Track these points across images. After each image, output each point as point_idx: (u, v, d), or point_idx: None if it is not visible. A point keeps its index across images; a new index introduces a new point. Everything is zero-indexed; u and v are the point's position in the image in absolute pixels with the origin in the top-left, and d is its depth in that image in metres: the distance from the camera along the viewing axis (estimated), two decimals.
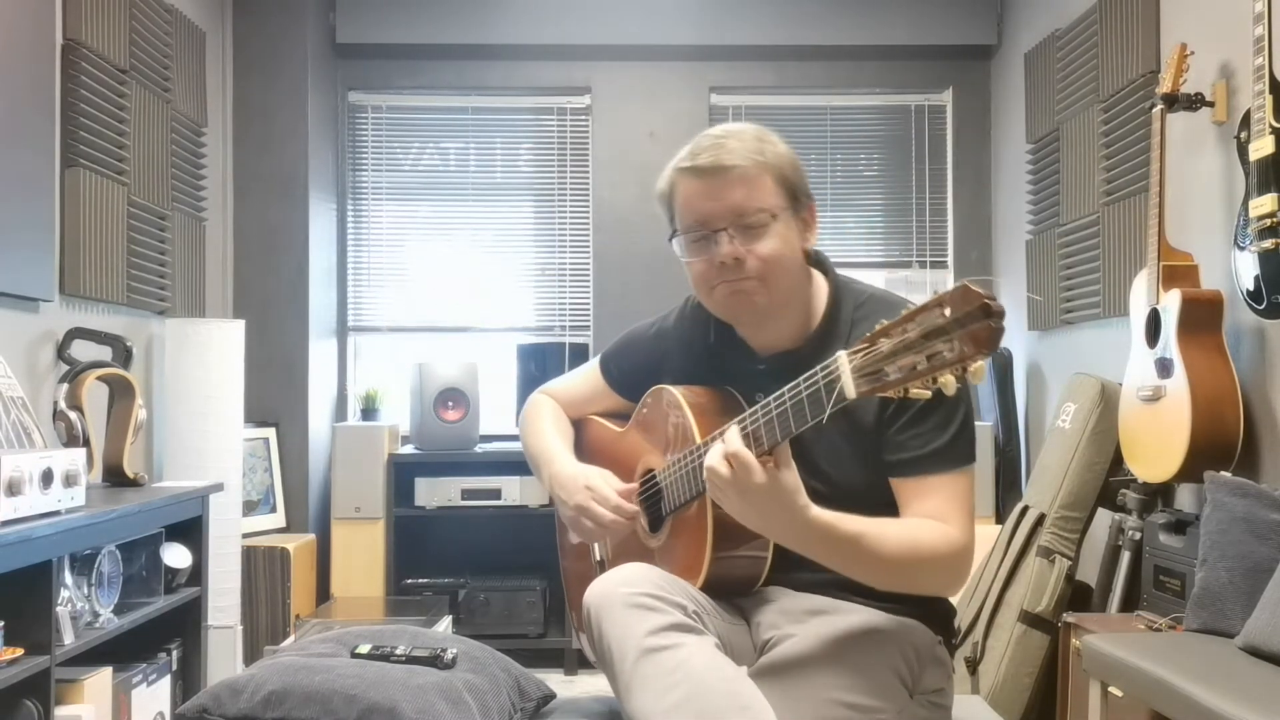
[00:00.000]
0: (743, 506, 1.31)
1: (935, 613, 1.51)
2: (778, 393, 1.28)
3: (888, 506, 1.45)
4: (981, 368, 1.08)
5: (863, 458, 1.47)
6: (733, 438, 1.30)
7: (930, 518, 1.41)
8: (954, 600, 1.60)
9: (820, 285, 1.57)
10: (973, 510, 1.45)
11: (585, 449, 1.80)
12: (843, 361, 1.18)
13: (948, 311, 1.07)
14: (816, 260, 1.61)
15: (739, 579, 1.52)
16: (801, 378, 1.25)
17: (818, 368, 1.23)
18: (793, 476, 1.29)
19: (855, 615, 1.45)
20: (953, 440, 1.44)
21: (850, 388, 1.17)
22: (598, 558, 1.77)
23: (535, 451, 1.79)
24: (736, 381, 1.57)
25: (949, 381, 1.08)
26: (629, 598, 1.35)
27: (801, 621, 1.45)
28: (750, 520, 1.33)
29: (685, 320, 1.70)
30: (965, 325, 1.06)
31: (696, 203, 1.48)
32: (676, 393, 1.57)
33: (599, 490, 1.58)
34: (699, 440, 1.46)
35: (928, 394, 1.12)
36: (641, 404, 1.70)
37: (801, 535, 1.34)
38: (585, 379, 1.86)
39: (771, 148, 1.49)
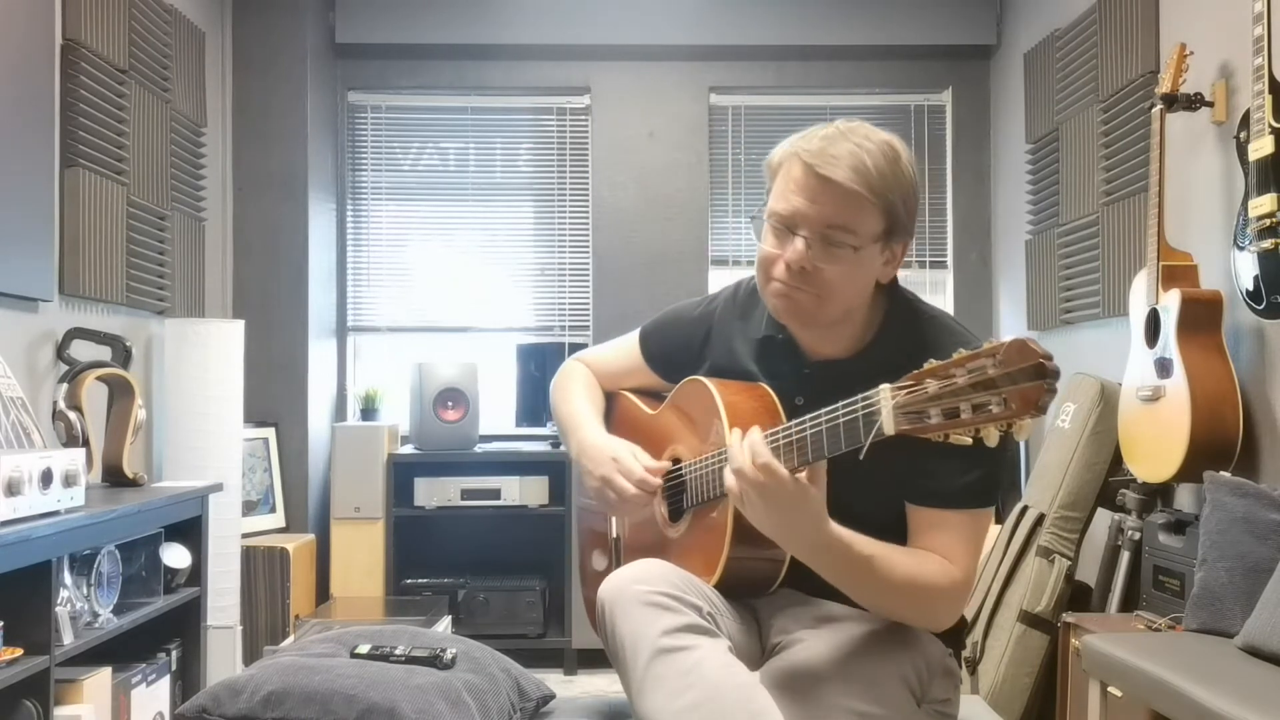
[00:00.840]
0: (765, 514, 1.29)
1: (949, 626, 1.50)
2: (815, 414, 1.27)
3: (894, 528, 1.43)
4: (1028, 426, 1.06)
5: (877, 478, 1.41)
6: (762, 447, 1.27)
7: (938, 552, 1.39)
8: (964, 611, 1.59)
9: (880, 298, 1.51)
10: (979, 552, 1.43)
11: (614, 424, 1.76)
12: (885, 396, 1.16)
13: (1000, 364, 1.05)
14: (890, 286, 1.54)
15: (754, 581, 1.51)
16: (841, 404, 1.23)
17: (859, 397, 1.21)
18: (820, 493, 1.28)
19: (867, 624, 1.43)
20: (980, 480, 1.41)
21: (889, 424, 1.15)
22: (614, 534, 1.75)
23: (565, 417, 1.75)
24: (778, 380, 1.53)
25: (991, 434, 1.07)
26: (644, 595, 1.34)
27: (813, 628, 1.44)
28: (768, 528, 1.31)
29: (736, 307, 1.65)
30: (1016, 382, 1.04)
31: (794, 195, 1.41)
32: (713, 388, 1.53)
33: (625, 463, 1.56)
34: (729, 442, 1.44)
35: (969, 441, 1.10)
36: (676, 391, 1.66)
37: (816, 549, 1.32)
38: (623, 352, 1.81)
39: (895, 179, 1.40)
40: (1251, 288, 2.42)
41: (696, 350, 1.66)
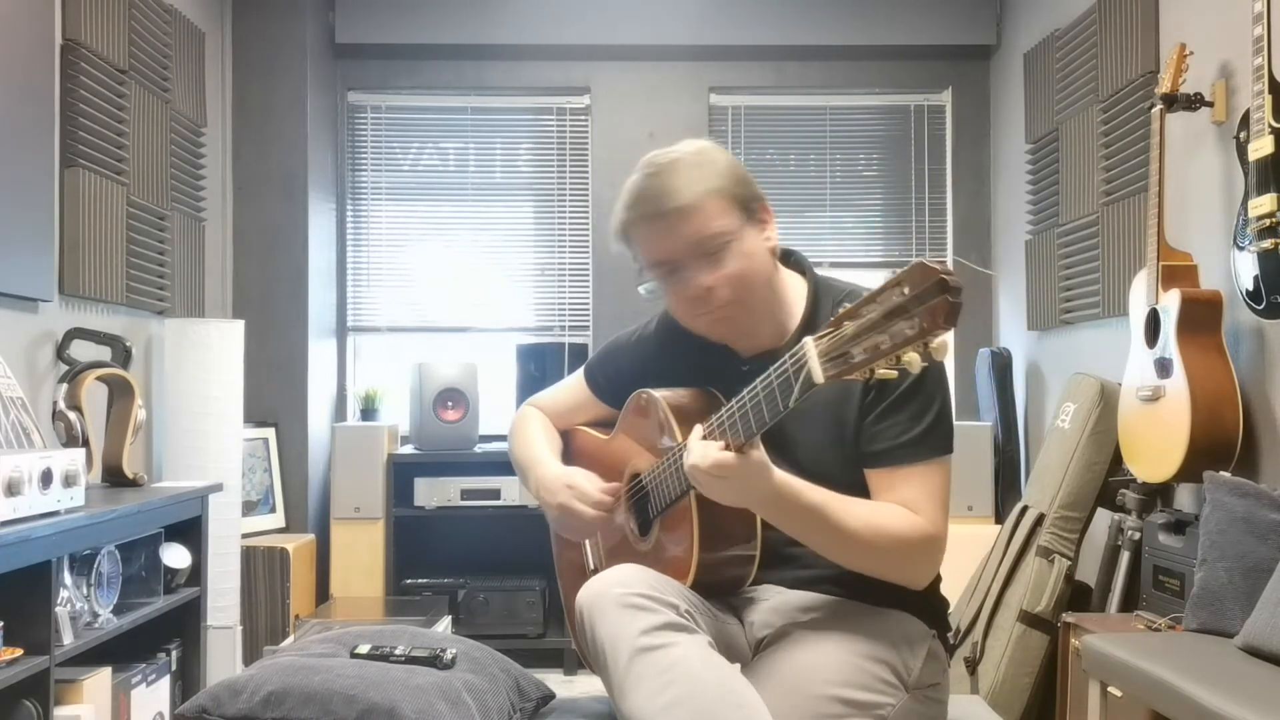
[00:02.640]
0: (723, 492, 1.34)
1: (928, 606, 1.52)
2: (750, 385, 1.30)
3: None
4: (944, 343, 1.09)
5: (844, 456, 1.48)
6: (709, 450, 1.32)
7: (897, 504, 1.43)
8: (947, 595, 1.60)
9: (798, 285, 1.59)
10: (946, 501, 1.46)
11: (574, 458, 1.81)
12: (809, 347, 1.19)
13: (906, 290, 1.08)
14: (794, 261, 1.62)
15: (728, 578, 1.53)
16: (772, 368, 1.26)
17: (786, 356, 1.24)
18: (759, 454, 1.32)
19: (848, 610, 1.46)
20: (927, 431, 1.45)
21: (818, 372, 1.18)
22: (591, 566, 1.78)
23: (522, 459, 1.80)
24: (720, 383, 1.58)
25: (914, 359, 1.09)
26: (621, 598, 1.36)
27: (794, 618, 1.46)
28: (728, 498, 1.35)
29: (667, 325, 1.72)
30: (924, 301, 1.07)
31: (654, 245, 1.51)
32: (657, 395, 1.59)
33: (580, 487, 1.60)
34: (680, 439, 1.47)
35: (894, 374, 1.12)
36: (625, 409, 1.71)
37: (771, 504, 1.37)
38: (571, 389, 1.88)
39: (711, 168, 1.50)
40: (1251, 288, 2.42)
41: (639, 374, 1.71)
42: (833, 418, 1.48)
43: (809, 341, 1.19)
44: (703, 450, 1.32)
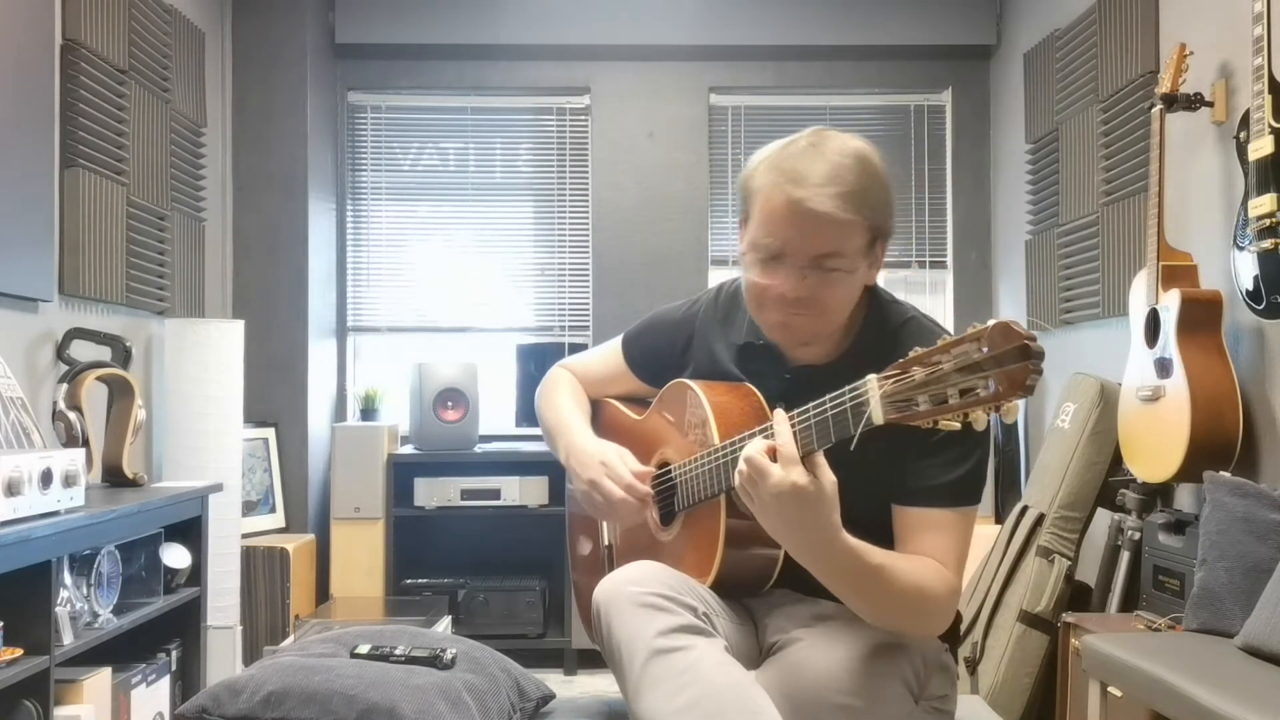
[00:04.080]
0: (773, 506, 1.25)
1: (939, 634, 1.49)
2: (803, 408, 1.26)
3: (881, 533, 1.41)
4: (1015, 408, 1.05)
5: (867, 483, 1.41)
6: (782, 433, 1.25)
7: (929, 554, 1.38)
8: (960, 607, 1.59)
9: (859, 301, 1.51)
10: (967, 554, 1.43)
11: (601, 430, 1.76)
12: (873, 387, 1.16)
13: (985, 348, 1.05)
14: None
15: (748, 580, 1.51)
16: (829, 397, 1.23)
17: (846, 389, 1.20)
18: (833, 484, 1.24)
19: (861, 620, 1.42)
20: (965, 477, 1.40)
21: (878, 414, 1.15)
22: (606, 542, 1.76)
23: (552, 423, 1.75)
24: (760, 384, 1.54)
25: (980, 418, 1.07)
26: (639, 597, 1.35)
27: (809, 626, 1.44)
28: (772, 523, 1.28)
29: (718, 310, 1.65)
30: (1002, 365, 1.04)
31: (780, 225, 1.39)
32: (699, 390, 1.53)
33: (614, 467, 1.56)
34: (718, 442, 1.44)
35: (957, 426, 1.10)
36: (661, 395, 1.66)
37: (822, 552, 1.28)
38: (606, 358, 1.81)
39: (873, 190, 1.39)
40: (1251, 288, 2.42)
41: (679, 354, 1.66)
42: (869, 442, 1.43)
43: (873, 380, 1.16)
44: (770, 444, 1.24)
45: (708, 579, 1.46)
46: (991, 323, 1.07)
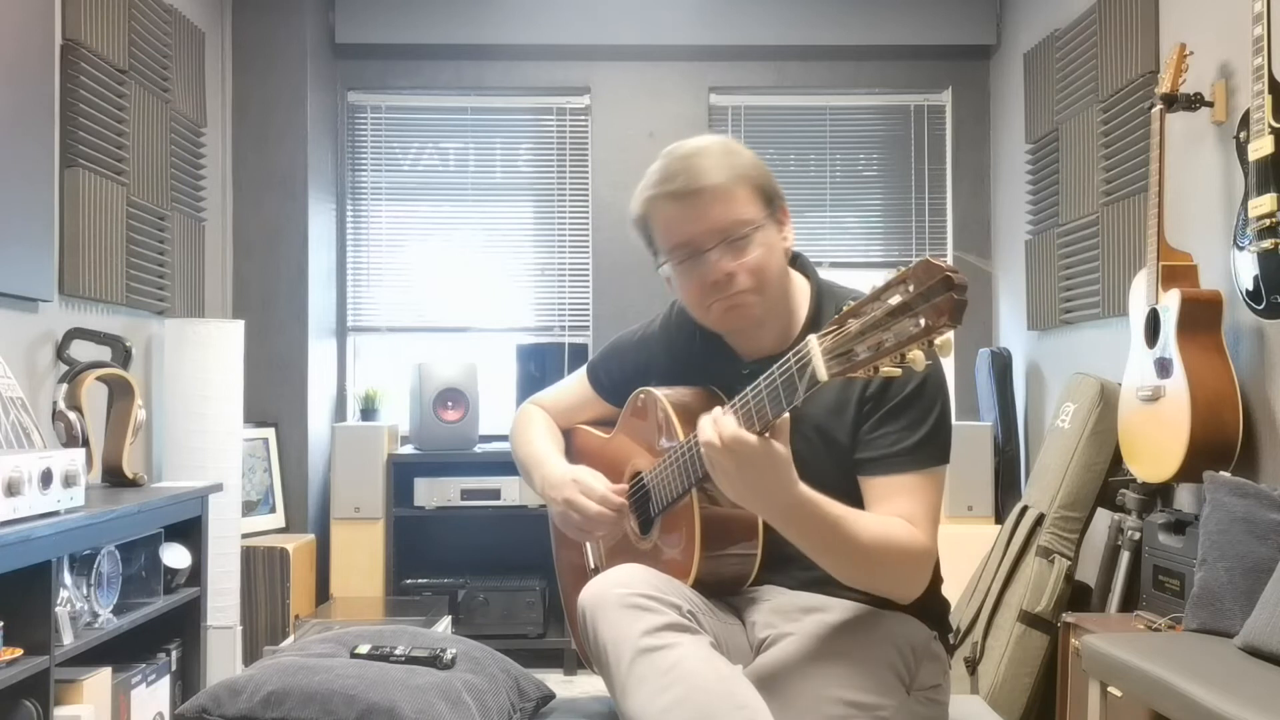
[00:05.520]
0: (738, 478, 1.28)
1: (929, 608, 1.51)
2: (754, 383, 1.28)
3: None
4: (948, 341, 1.08)
5: (839, 462, 1.47)
6: (728, 420, 1.29)
7: (898, 518, 1.41)
8: (947, 595, 1.60)
9: (802, 288, 1.58)
10: (938, 514, 1.45)
11: (575, 457, 1.81)
12: (813, 344, 1.18)
13: (911, 287, 1.07)
14: (800, 264, 1.62)
15: (730, 577, 1.53)
16: (776, 365, 1.25)
17: (789, 355, 1.22)
18: (785, 448, 1.28)
19: (850, 612, 1.45)
20: (925, 439, 1.44)
21: (821, 369, 1.17)
22: (592, 565, 1.78)
23: (526, 458, 1.80)
24: (721, 384, 1.58)
25: (917, 356, 1.08)
26: (624, 598, 1.35)
27: (796, 619, 1.45)
28: (739, 492, 1.31)
29: (671, 326, 1.72)
30: (929, 299, 1.06)
31: (678, 226, 1.49)
32: (659, 394, 1.59)
33: (585, 483, 1.60)
34: (682, 437, 1.47)
35: (898, 372, 1.11)
36: (626, 407, 1.71)
37: (787, 509, 1.32)
38: (573, 388, 1.88)
39: (739, 158, 1.50)
40: (1251, 288, 2.42)
41: (642, 373, 1.71)
42: (830, 423, 1.48)
43: (813, 339, 1.19)
44: (721, 425, 1.27)
45: (689, 578, 1.48)
46: (914, 262, 1.09)
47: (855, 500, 1.45)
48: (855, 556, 1.37)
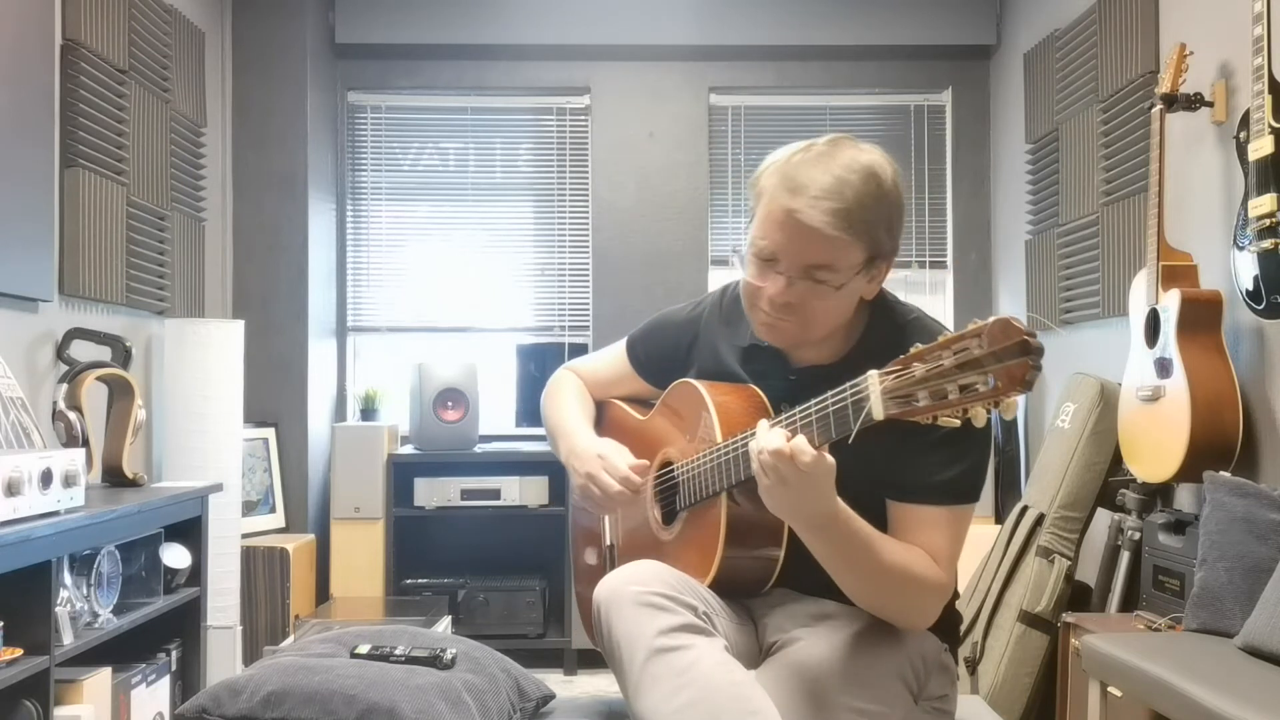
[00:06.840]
0: (782, 489, 1.25)
1: (944, 621, 1.50)
2: (805, 405, 1.26)
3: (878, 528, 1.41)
4: (1014, 404, 1.06)
5: (870, 478, 1.43)
6: (764, 427, 1.28)
7: (922, 550, 1.39)
8: (959, 607, 1.59)
9: (863, 305, 1.50)
10: (960, 552, 1.43)
11: (605, 431, 1.78)
12: (873, 382, 1.17)
13: (985, 344, 1.06)
14: None
15: (749, 580, 1.51)
16: (830, 393, 1.23)
17: (847, 385, 1.21)
18: (833, 465, 1.25)
19: (864, 621, 1.43)
20: (962, 475, 1.40)
21: (878, 409, 1.16)
22: (608, 541, 1.76)
23: (555, 425, 1.77)
24: (764, 385, 1.54)
25: (979, 414, 1.07)
26: (639, 596, 1.35)
27: (809, 626, 1.44)
28: (781, 503, 1.28)
29: (722, 312, 1.66)
30: (1002, 360, 1.04)
31: (774, 231, 1.39)
32: (703, 390, 1.54)
33: (609, 459, 1.58)
34: (720, 440, 1.45)
35: (956, 422, 1.10)
36: (666, 395, 1.67)
37: (823, 524, 1.30)
38: (611, 360, 1.83)
39: (876, 208, 1.37)
40: (1251, 288, 2.42)
41: (683, 355, 1.67)
42: (870, 438, 1.42)
43: (874, 375, 1.16)
44: (781, 437, 1.24)
45: (708, 578, 1.46)
46: (991, 319, 1.07)
47: (879, 517, 1.42)
48: (875, 579, 1.36)
